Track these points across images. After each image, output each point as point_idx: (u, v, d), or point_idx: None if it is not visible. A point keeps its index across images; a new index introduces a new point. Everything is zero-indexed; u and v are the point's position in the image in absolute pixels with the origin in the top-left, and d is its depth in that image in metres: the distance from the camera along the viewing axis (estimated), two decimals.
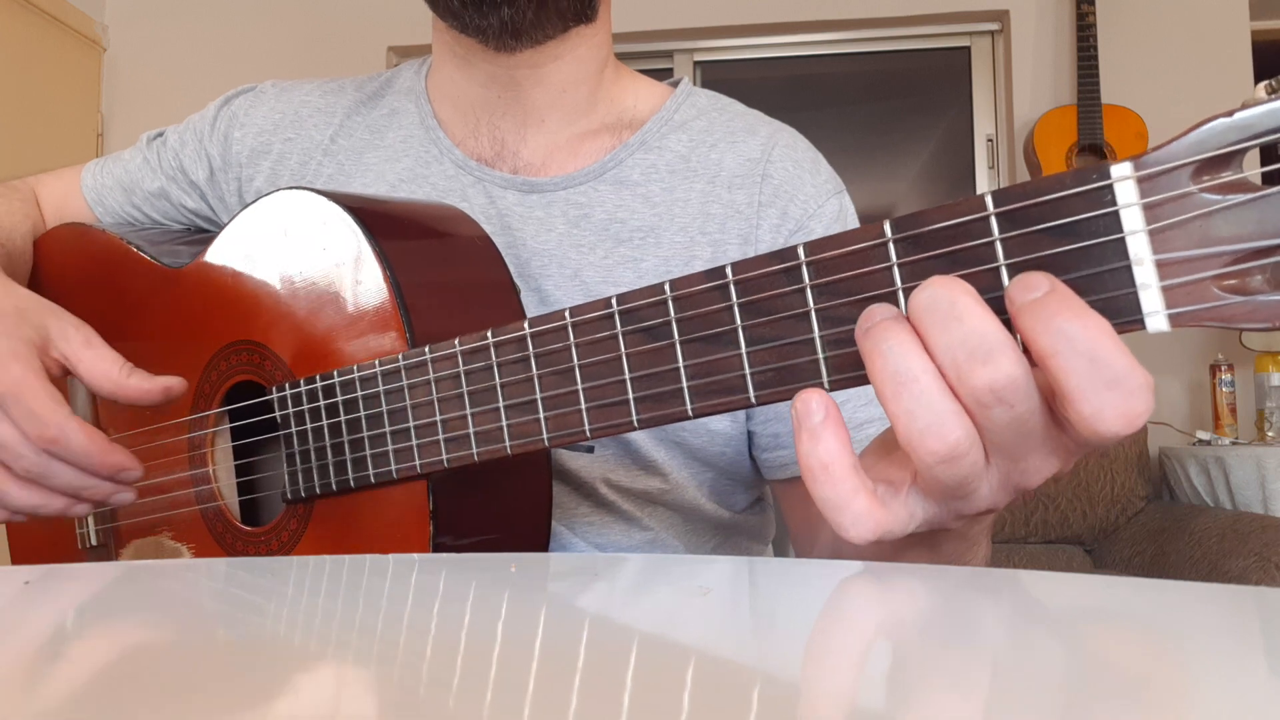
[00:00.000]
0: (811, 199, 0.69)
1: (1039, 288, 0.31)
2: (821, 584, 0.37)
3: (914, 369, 0.32)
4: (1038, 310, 0.30)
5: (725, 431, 0.68)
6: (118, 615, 0.36)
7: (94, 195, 0.80)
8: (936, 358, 0.32)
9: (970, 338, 0.31)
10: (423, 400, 0.49)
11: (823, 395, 0.34)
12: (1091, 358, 0.30)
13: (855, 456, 0.35)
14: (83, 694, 0.24)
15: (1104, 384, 0.30)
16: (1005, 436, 0.33)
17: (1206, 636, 0.27)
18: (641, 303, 0.40)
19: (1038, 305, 0.30)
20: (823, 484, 0.34)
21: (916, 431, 0.33)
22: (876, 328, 0.33)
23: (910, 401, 0.32)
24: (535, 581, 0.39)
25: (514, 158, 0.70)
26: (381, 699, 0.24)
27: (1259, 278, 0.29)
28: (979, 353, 0.31)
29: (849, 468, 0.34)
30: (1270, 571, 1.81)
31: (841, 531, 0.35)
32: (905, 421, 0.33)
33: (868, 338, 0.33)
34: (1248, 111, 0.29)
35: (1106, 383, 0.30)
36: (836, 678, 0.25)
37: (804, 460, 0.34)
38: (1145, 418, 0.30)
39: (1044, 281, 0.31)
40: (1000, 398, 0.32)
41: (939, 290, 0.32)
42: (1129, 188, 0.30)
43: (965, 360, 0.32)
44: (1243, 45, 2.68)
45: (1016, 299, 0.31)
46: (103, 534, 0.71)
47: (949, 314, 0.32)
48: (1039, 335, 0.30)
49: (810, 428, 0.34)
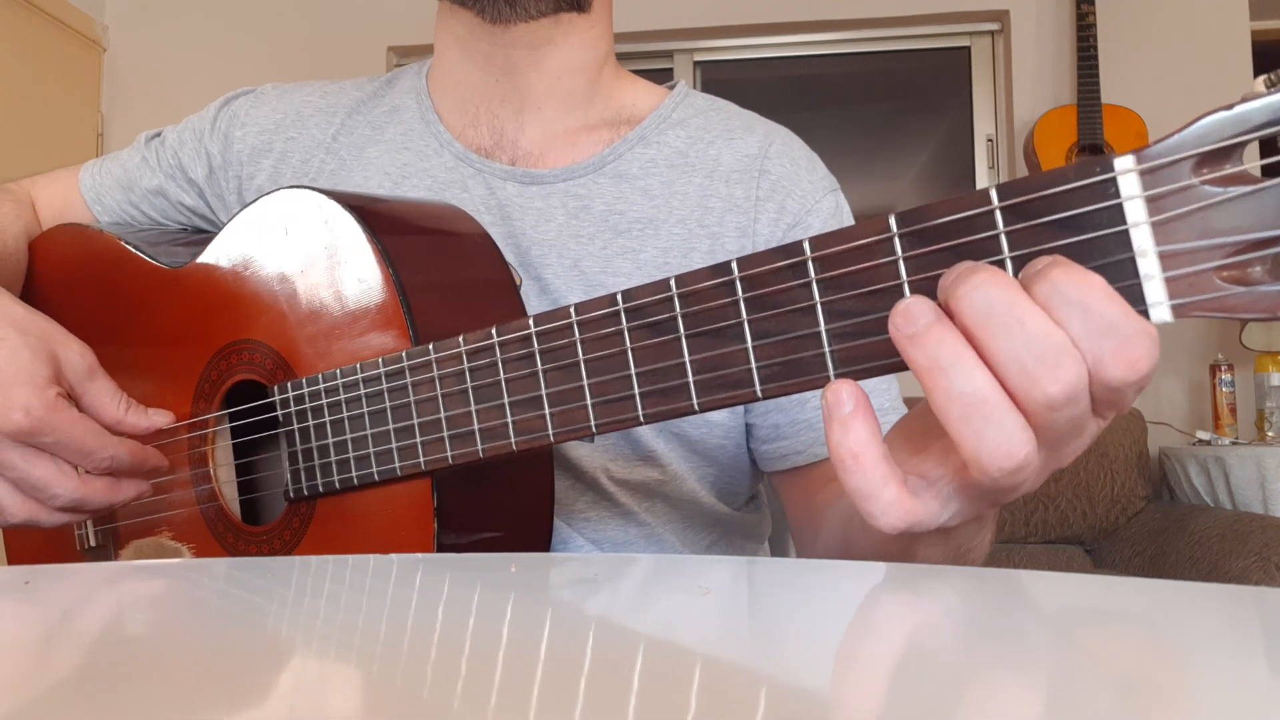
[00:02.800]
0: (809, 195, 0.70)
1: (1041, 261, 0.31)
2: (824, 586, 0.37)
3: (981, 389, 0.32)
4: (1035, 277, 0.31)
5: (724, 423, 0.69)
6: (117, 615, 0.35)
7: (92, 194, 0.80)
8: (998, 367, 0.32)
9: (1035, 343, 0.31)
10: (427, 397, 0.49)
11: (853, 386, 0.34)
12: (1083, 308, 0.30)
13: (885, 446, 0.35)
14: (82, 694, 0.24)
15: (1099, 332, 0.30)
16: (1064, 432, 0.33)
17: (1206, 636, 0.27)
18: (647, 299, 0.40)
19: (1037, 273, 0.31)
20: (853, 473, 0.34)
21: (986, 451, 0.32)
22: (925, 336, 0.32)
23: (980, 423, 0.32)
24: (537, 582, 0.39)
25: (513, 147, 0.71)
26: (382, 700, 0.24)
27: (1259, 269, 0.29)
28: (1047, 359, 0.31)
29: (879, 457, 0.34)
30: (1270, 571, 1.81)
31: (871, 520, 0.35)
32: (974, 442, 0.32)
33: (917, 347, 0.32)
34: (1247, 105, 0.29)
35: (1101, 330, 0.30)
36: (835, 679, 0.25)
37: (835, 450, 0.34)
38: (1147, 363, 0.30)
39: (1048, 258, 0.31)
40: (1072, 399, 0.31)
41: (995, 292, 0.31)
42: (1132, 180, 0.31)
43: (1034, 367, 0.31)
44: (1243, 45, 2.68)
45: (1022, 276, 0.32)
46: (101, 535, 0.71)
47: (1010, 318, 0.31)
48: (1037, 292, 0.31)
49: (841, 418, 0.34)
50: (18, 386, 0.56)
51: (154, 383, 0.66)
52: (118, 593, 0.40)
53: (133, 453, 0.60)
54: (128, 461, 0.60)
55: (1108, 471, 2.44)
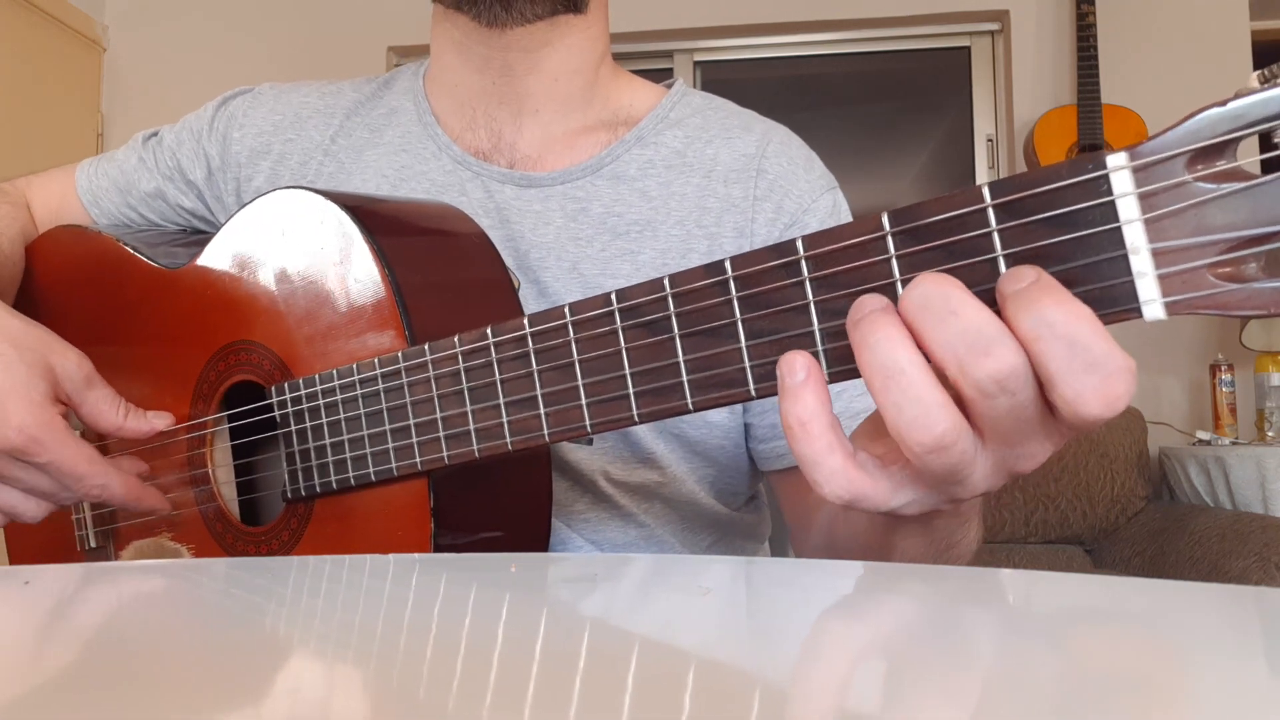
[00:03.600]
0: (806, 194, 0.70)
1: (1025, 278, 0.32)
2: (819, 586, 0.37)
3: (900, 361, 0.33)
4: (1021, 298, 0.31)
5: (724, 424, 0.69)
6: (117, 615, 0.35)
7: (89, 197, 0.80)
8: (936, 353, 0.33)
9: (968, 331, 0.32)
10: (423, 398, 0.49)
11: (806, 356, 0.35)
12: (1070, 342, 0.31)
13: (833, 416, 0.36)
14: (82, 694, 0.24)
15: (1083, 367, 0.31)
16: (1005, 424, 0.34)
17: (1206, 636, 0.27)
18: (641, 299, 0.40)
19: (1022, 294, 0.31)
20: (800, 440, 0.35)
21: (904, 423, 0.33)
22: (865, 320, 0.34)
23: (897, 394, 0.33)
24: (535, 582, 0.39)
25: (510, 150, 0.71)
26: (380, 700, 0.24)
27: (1254, 265, 0.29)
28: (979, 344, 0.32)
29: (826, 425, 0.35)
30: (1270, 571, 1.81)
31: (817, 489, 0.36)
32: (893, 414, 0.34)
33: (857, 329, 0.34)
34: (1241, 100, 0.29)
35: (1085, 366, 0.31)
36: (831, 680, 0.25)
37: (784, 419, 0.35)
38: (1126, 400, 0.31)
39: (1030, 272, 0.32)
40: (1003, 387, 0.32)
41: (931, 287, 0.33)
42: (1124, 177, 0.30)
43: (966, 353, 0.32)
44: (1243, 45, 2.68)
45: (1004, 289, 0.32)
46: (101, 535, 0.71)
47: (944, 308, 0.32)
48: (1021, 321, 0.31)
49: (792, 387, 0.35)
50: (13, 403, 0.56)
51: (153, 384, 0.66)
52: (117, 592, 0.40)
53: (128, 491, 0.60)
54: (119, 493, 0.60)
55: (1108, 471, 2.44)
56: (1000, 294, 0.32)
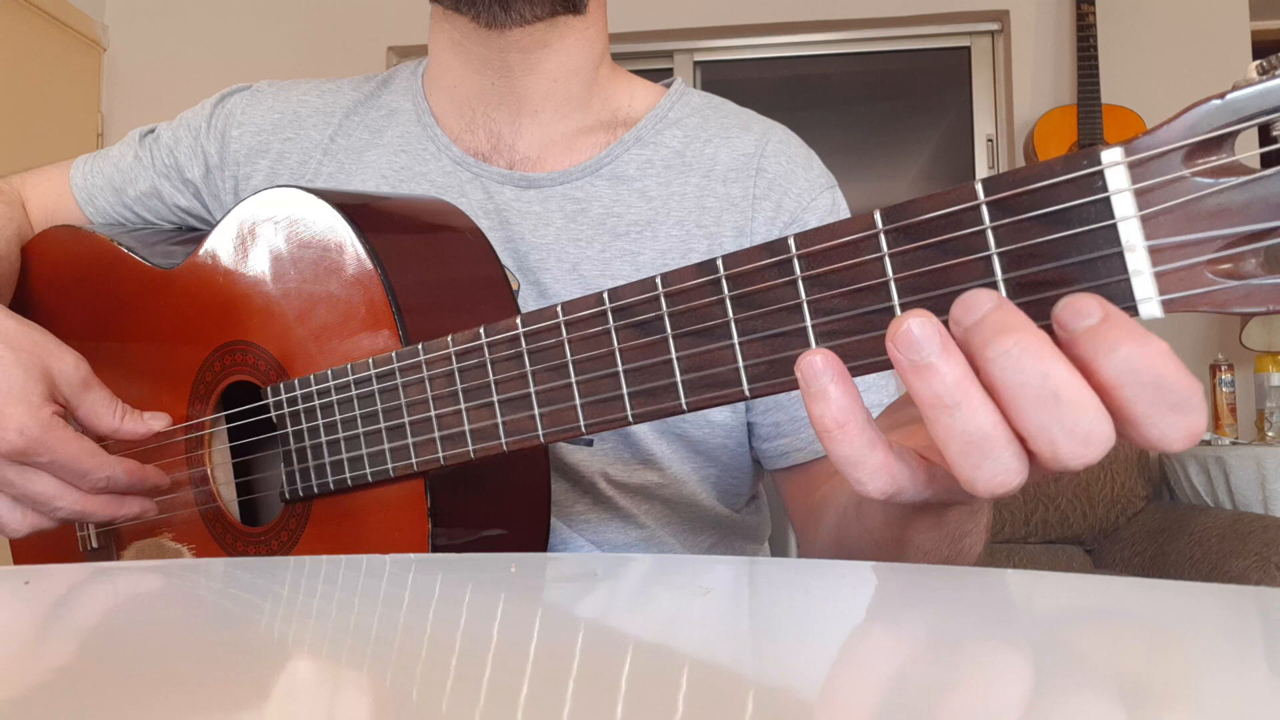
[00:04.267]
0: (805, 192, 0.70)
1: (1091, 314, 0.29)
2: (819, 587, 0.36)
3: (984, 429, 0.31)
4: (1096, 340, 0.29)
5: (726, 423, 0.69)
6: (117, 615, 0.35)
7: (84, 195, 0.80)
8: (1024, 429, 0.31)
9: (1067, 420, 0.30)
10: (417, 398, 0.49)
11: (826, 354, 0.33)
12: (1157, 385, 0.29)
13: (867, 411, 0.34)
14: (82, 693, 0.24)
15: (1169, 408, 0.29)
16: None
17: (1206, 636, 0.27)
18: (634, 298, 0.40)
19: (1095, 335, 0.29)
20: (839, 442, 0.33)
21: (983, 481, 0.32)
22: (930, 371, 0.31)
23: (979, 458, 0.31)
24: (533, 582, 0.38)
25: (510, 151, 0.71)
26: (376, 701, 0.23)
27: (1252, 261, 0.29)
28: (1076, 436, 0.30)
29: (863, 423, 0.33)
30: (1270, 571, 1.81)
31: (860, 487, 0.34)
32: (971, 473, 0.32)
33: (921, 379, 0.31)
34: (1239, 93, 0.28)
35: (1172, 407, 0.29)
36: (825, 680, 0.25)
37: (817, 422, 0.33)
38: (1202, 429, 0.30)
39: (1096, 307, 0.29)
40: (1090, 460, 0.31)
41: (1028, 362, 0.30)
42: (1120, 173, 0.30)
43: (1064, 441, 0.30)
44: (1243, 45, 2.68)
45: (1070, 325, 0.30)
46: (103, 536, 0.71)
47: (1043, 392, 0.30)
48: (1102, 368, 0.29)
49: (819, 389, 0.33)
50: (11, 406, 0.56)
51: (150, 384, 0.66)
52: (116, 592, 0.40)
53: (130, 472, 0.60)
54: (125, 481, 0.60)
55: (1108, 471, 2.44)
56: (1062, 327, 0.30)
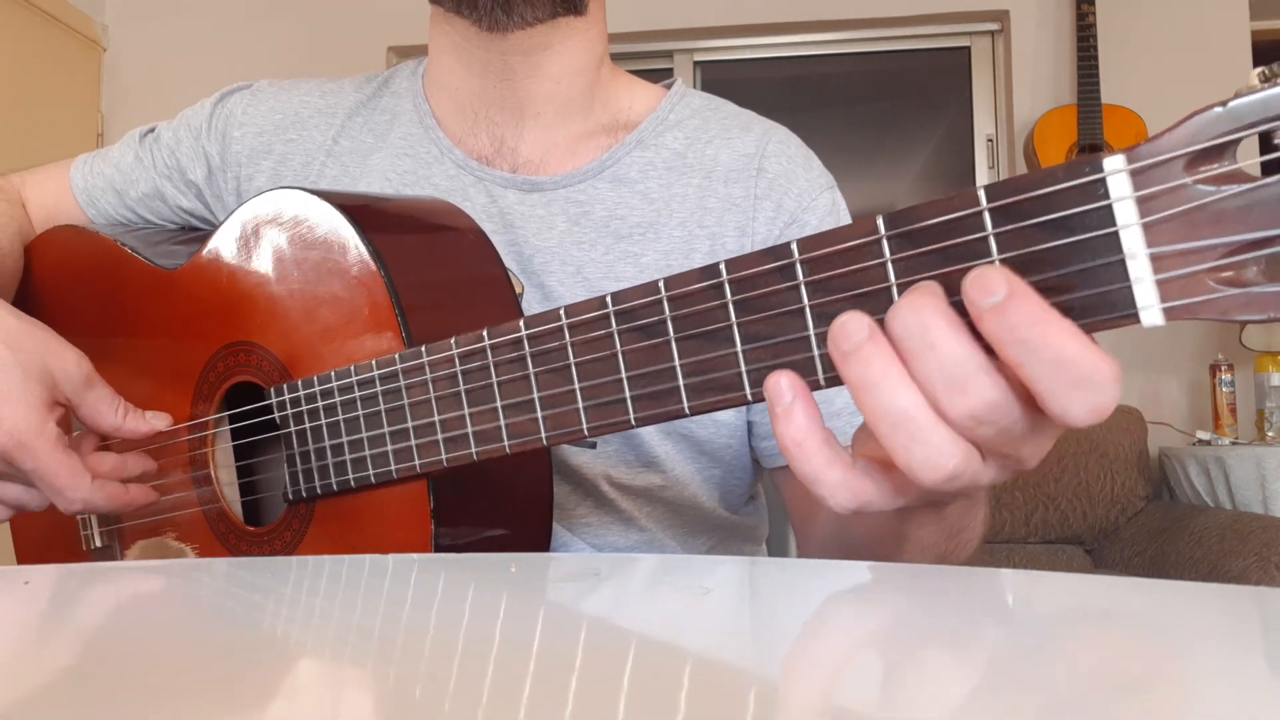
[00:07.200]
0: (805, 192, 0.70)
1: (996, 290, 0.30)
2: (819, 587, 0.37)
3: (906, 407, 0.33)
4: (998, 318, 0.31)
5: (730, 421, 0.69)
6: (118, 615, 0.35)
7: (85, 197, 0.80)
8: (920, 385, 0.33)
9: (945, 366, 0.32)
10: (420, 400, 0.49)
11: (791, 376, 0.35)
12: (1057, 363, 0.30)
13: (827, 431, 0.35)
14: (82, 693, 0.24)
15: (1070, 384, 0.30)
16: (996, 443, 0.34)
17: (1206, 636, 0.27)
18: (636, 302, 0.40)
19: (997, 313, 0.31)
20: (798, 460, 0.35)
21: (915, 463, 0.33)
22: (855, 355, 0.33)
23: (905, 438, 0.33)
24: (534, 581, 0.39)
25: (513, 154, 0.71)
26: (379, 700, 0.24)
27: (1254, 269, 0.29)
28: (955, 382, 0.32)
29: (821, 441, 0.35)
30: (1270, 571, 1.81)
31: (823, 502, 0.36)
32: (903, 456, 0.33)
33: (848, 365, 0.33)
34: (1241, 100, 0.28)
35: (1073, 383, 0.30)
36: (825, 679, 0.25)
37: (780, 440, 0.35)
38: (1113, 407, 0.31)
39: (1001, 283, 0.30)
40: (981, 420, 0.32)
41: (910, 317, 0.32)
42: (1122, 181, 0.30)
43: (944, 389, 0.32)
44: (1243, 45, 2.68)
45: (976, 301, 0.31)
46: (107, 535, 0.71)
47: (922, 342, 0.32)
48: (1004, 345, 0.31)
49: (783, 408, 0.35)
50: (8, 407, 0.56)
51: (153, 384, 0.66)
52: (117, 592, 0.40)
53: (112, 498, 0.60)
54: (103, 508, 0.60)
55: (1108, 471, 2.43)
56: (972, 305, 0.31)
